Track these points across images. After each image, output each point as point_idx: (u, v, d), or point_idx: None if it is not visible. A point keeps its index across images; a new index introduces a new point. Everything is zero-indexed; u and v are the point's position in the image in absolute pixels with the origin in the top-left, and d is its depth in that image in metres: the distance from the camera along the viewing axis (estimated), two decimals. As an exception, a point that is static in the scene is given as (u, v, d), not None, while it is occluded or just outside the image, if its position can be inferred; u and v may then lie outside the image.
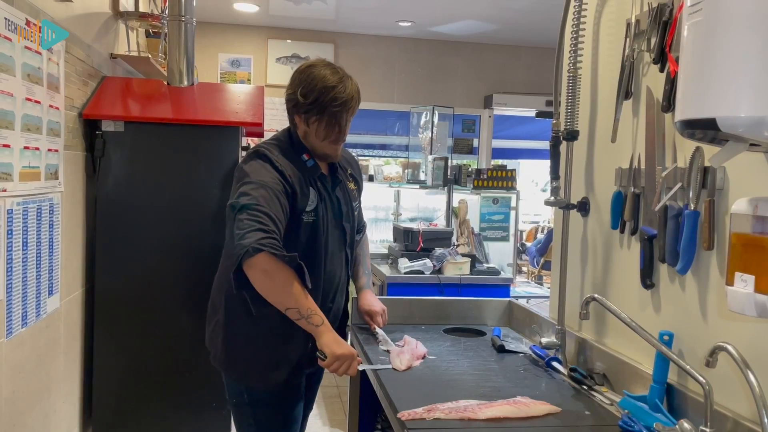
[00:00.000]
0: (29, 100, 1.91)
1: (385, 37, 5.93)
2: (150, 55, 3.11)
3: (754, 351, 1.22)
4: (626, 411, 1.43)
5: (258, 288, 1.65)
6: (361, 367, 1.73)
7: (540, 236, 7.54)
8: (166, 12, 2.86)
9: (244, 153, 2.73)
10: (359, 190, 2.07)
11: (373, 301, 2.10)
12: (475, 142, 6.34)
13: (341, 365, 1.67)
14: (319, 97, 1.76)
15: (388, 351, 1.90)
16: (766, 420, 1.11)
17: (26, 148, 1.90)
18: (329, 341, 1.67)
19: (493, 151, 6.47)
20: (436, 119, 5.34)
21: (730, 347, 1.17)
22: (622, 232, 1.71)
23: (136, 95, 2.78)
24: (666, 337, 1.45)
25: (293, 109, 1.83)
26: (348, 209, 1.96)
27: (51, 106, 2.10)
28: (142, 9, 3.09)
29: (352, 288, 2.11)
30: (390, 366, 1.78)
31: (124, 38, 3.12)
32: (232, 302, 1.84)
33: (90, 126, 2.56)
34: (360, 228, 2.14)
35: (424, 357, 1.88)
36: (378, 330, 2.03)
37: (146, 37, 3.46)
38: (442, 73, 6.10)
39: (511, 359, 1.92)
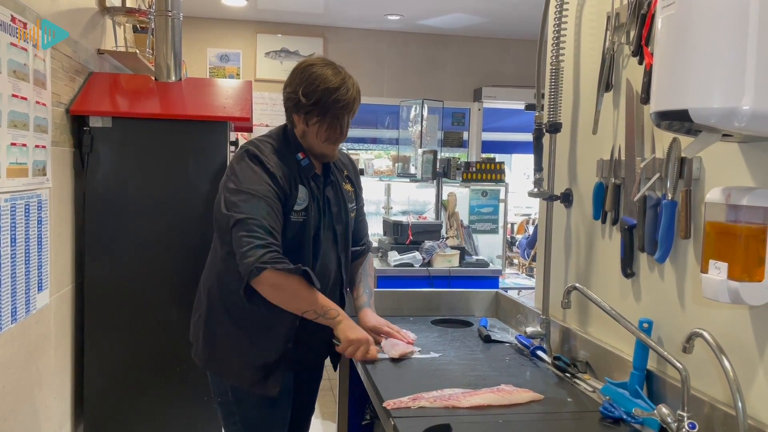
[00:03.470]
0: (15, 96, 1.91)
1: (374, 31, 5.93)
2: (137, 51, 3.10)
3: (728, 337, 1.25)
4: (607, 397, 1.46)
5: (271, 300, 1.73)
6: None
7: (530, 229, 7.58)
8: (153, 7, 2.86)
9: (232, 147, 2.74)
10: (357, 194, 2.03)
11: (371, 318, 1.94)
12: (465, 135, 6.35)
13: (356, 349, 1.75)
14: (321, 98, 1.74)
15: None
16: (740, 404, 1.14)
17: (13, 144, 1.90)
18: (344, 328, 1.76)
19: (484, 145, 6.48)
20: (425, 113, 5.35)
21: (705, 333, 1.19)
22: (603, 222, 1.74)
23: (123, 91, 2.77)
24: (645, 325, 1.48)
25: (293, 108, 1.80)
26: (339, 210, 1.92)
27: (38, 102, 2.10)
28: (128, 4, 3.08)
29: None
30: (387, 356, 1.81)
31: (111, 34, 3.11)
32: (213, 299, 1.87)
33: (78, 122, 2.55)
34: (362, 247, 2.09)
35: (413, 343, 1.90)
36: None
37: (133, 32, 3.45)
38: (432, 66, 6.11)
39: (497, 349, 1.95)
